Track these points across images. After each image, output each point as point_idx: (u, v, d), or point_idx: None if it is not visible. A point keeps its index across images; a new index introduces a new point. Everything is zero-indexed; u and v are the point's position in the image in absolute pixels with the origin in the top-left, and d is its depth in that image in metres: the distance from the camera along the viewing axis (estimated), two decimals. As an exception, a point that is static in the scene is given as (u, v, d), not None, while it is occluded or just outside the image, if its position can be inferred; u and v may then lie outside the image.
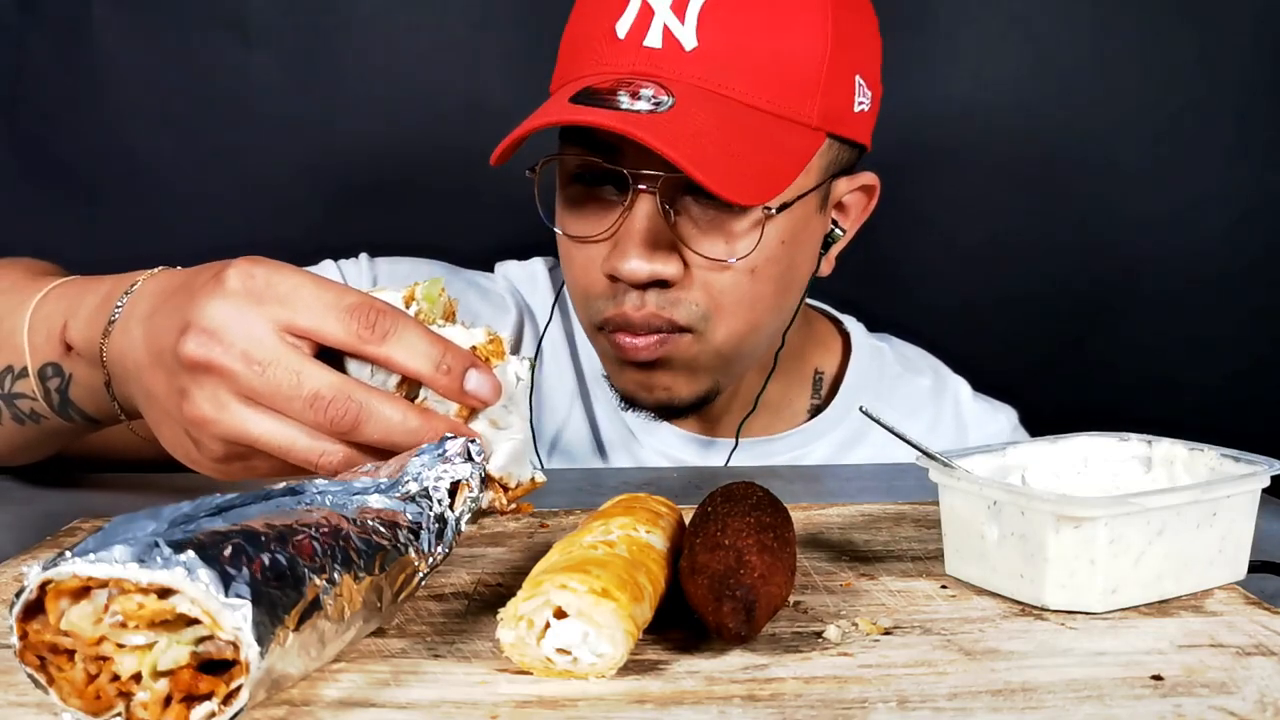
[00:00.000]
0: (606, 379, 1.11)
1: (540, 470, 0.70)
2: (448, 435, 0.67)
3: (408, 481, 0.62)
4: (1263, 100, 1.66)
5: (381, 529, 0.58)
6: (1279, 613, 0.66)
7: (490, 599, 0.68)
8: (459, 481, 0.64)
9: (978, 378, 1.31)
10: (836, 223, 1.10)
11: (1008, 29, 1.67)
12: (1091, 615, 0.66)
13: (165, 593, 0.48)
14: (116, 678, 0.49)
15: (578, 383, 1.20)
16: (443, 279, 0.73)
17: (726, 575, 0.59)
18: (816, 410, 1.22)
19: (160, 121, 1.63)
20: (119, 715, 0.50)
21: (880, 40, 1.10)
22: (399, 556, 0.59)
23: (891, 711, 0.54)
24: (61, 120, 1.63)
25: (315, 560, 0.53)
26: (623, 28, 0.97)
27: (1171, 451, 0.77)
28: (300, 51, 1.64)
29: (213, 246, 0.70)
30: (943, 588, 0.71)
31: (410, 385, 0.69)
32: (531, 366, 0.74)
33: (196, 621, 0.48)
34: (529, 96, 1.05)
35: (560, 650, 0.57)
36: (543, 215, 1.04)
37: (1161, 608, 0.67)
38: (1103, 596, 0.66)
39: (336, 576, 0.54)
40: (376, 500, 0.60)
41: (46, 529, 0.83)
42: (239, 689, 0.49)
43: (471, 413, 0.69)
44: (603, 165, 0.98)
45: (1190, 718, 0.53)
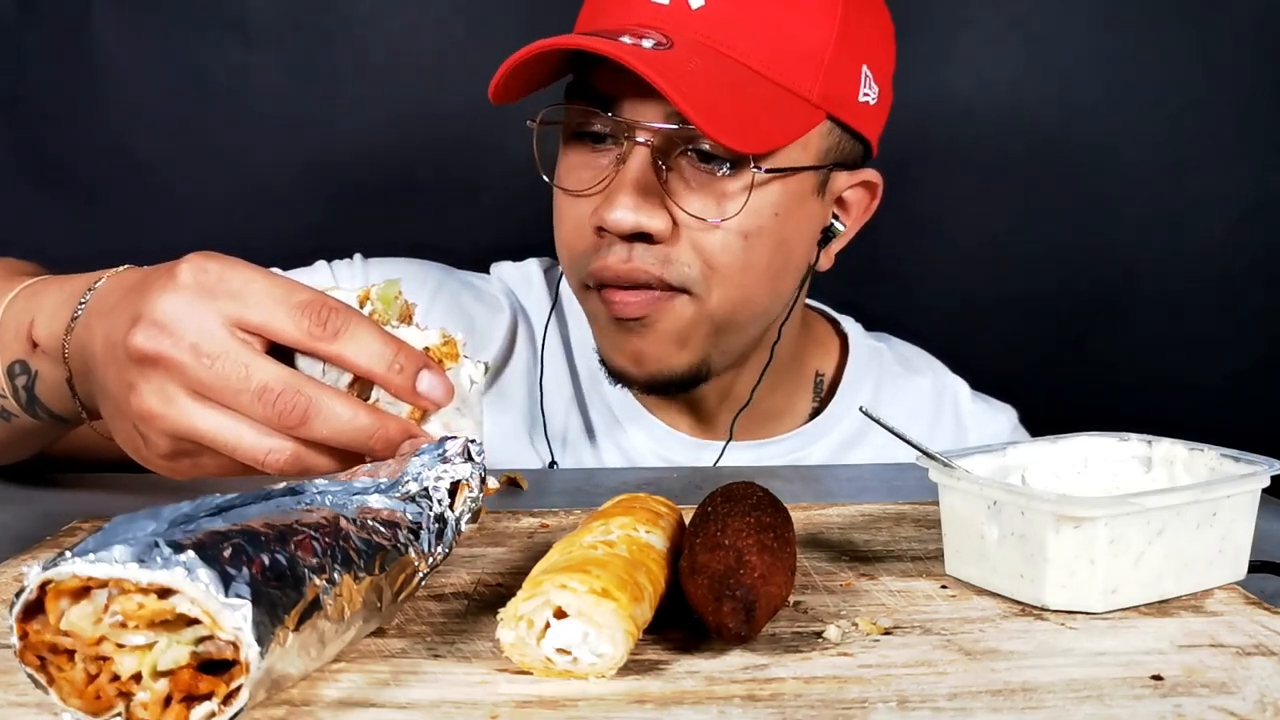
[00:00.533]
0: (598, 355, 1.11)
1: (494, 477, 0.69)
2: (448, 435, 0.67)
3: (408, 481, 0.62)
4: (1263, 100, 1.66)
5: (381, 529, 0.59)
6: (1279, 613, 0.66)
7: (490, 599, 0.68)
8: (459, 481, 0.64)
9: (978, 378, 1.31)
10: (837, 217, 1.10)
11: (1008, 29, 1.67)
12: (1091, 615, 0.66)
13: (165, 593, 0.48)
14: (116, 678, 0.49)
15: (573, 384, 1.20)
16: (399, 280, 0.73)
17: (726, 575, 0.59)
18: (816, 412, 1.22)
19: (160, 121, 1.63)
20: (119, 715, 0.50)
21: (894, 47, 1.11)
22: (399, 556, 0.59)
23: (891, 711, 0.54)
24: (61, 120, 1.63)
25: (315, 560, 0.53)
26: None
27: (1171, 451, 0.77)
28: (300, 51, 1.64)
29: (212, 246, 0.70)
30: (943, 588, 0.71)
31: (362, 386, 0.69)
32: (486, 370, 0.73)
33: (196, 621, 0.48)
34: (530, 99, 1.05)
35: (560, 650, 0.57)
36: (540, 170, 1.05)
37: (1161, 608, 0.67)
38: (1103, 596, 0.66)
39: (336, 576, 0.54)
40: (376, 500, 0.60)
41: (46, 529, 0.83)
42: (239, 689, 0.49)
43: (424, 414, 0.69)
44: (599, 115, 1.00)
45: (1190, 718, 0.53)
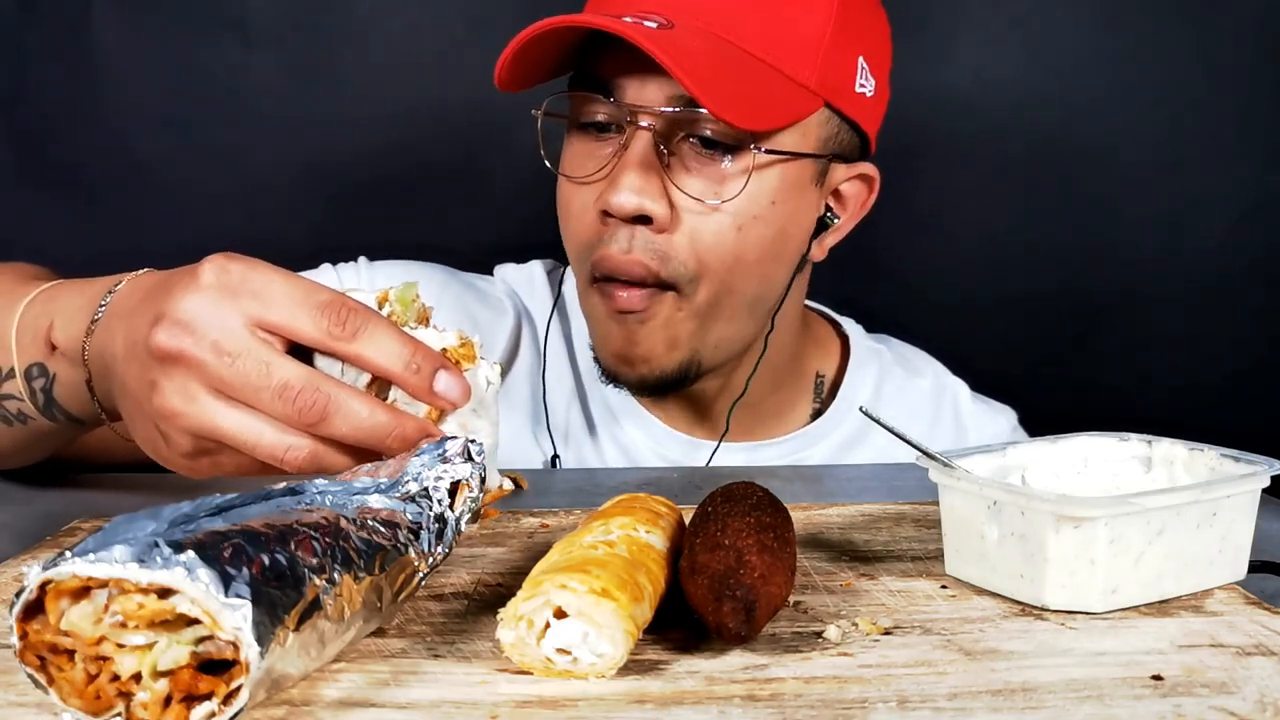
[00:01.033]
0: (593, 353, 1.12)
1: (509, 479, 0.70)
2: (448, 435, 0.67)
3: (408, 481, 0.62)
4: (1263, 100, 1.66)
5: (381, 529, 0.58)
6: (1279, 613, 0.66)
7: (490, 599, 0.68)
8: (459, 481, 0.64)
9: (978, 378, 1.31)
10: (830, 208, 1.11)
11: (1008, 29, 1.66)
12: (1091, 615, 0.66)
13: (165, 593, 0.48)
14: (116, 678, 0.49)
15: (574, 381, 1.20)
16: (417, 283, 0.73)
17: (726, 575, 0.59)
18: (817, 413, 1.22)
19: (160, 121, 1.63)
20: (119, 715, 0.50)
21: (891, 45, 1.11)
22: (399, 556, 0.59)
23: (891, 711, 0.54)
24: (61, 120, 1.62)
25: (315, 560, 0.53)
26: None
27: (1171, 451, 0.77)
28: (300, 51, 1.64)
29: (212, 246, 0.70)
30: (943, 588, 0.71)
31: (380, 387, 0.69)
32: (502, 372, 0.74)
33: (196, 621, 0.48)
34: (530, 97, 1.06)
35: (560, 650, 0.57)
36: (545, 158, 1.07)
37: (1161, 608, 0.67)
38: (1103, 596, 0.66)
39: (336, 576, 0.54)
40: (376, 500, 0.60)
41: (46, 529, 0.83)
42: (239, 689, 0.49)
43: (441, 415, 0.70)
44: (601, 102, 1.02)
45: (1190, 718, 0.53)
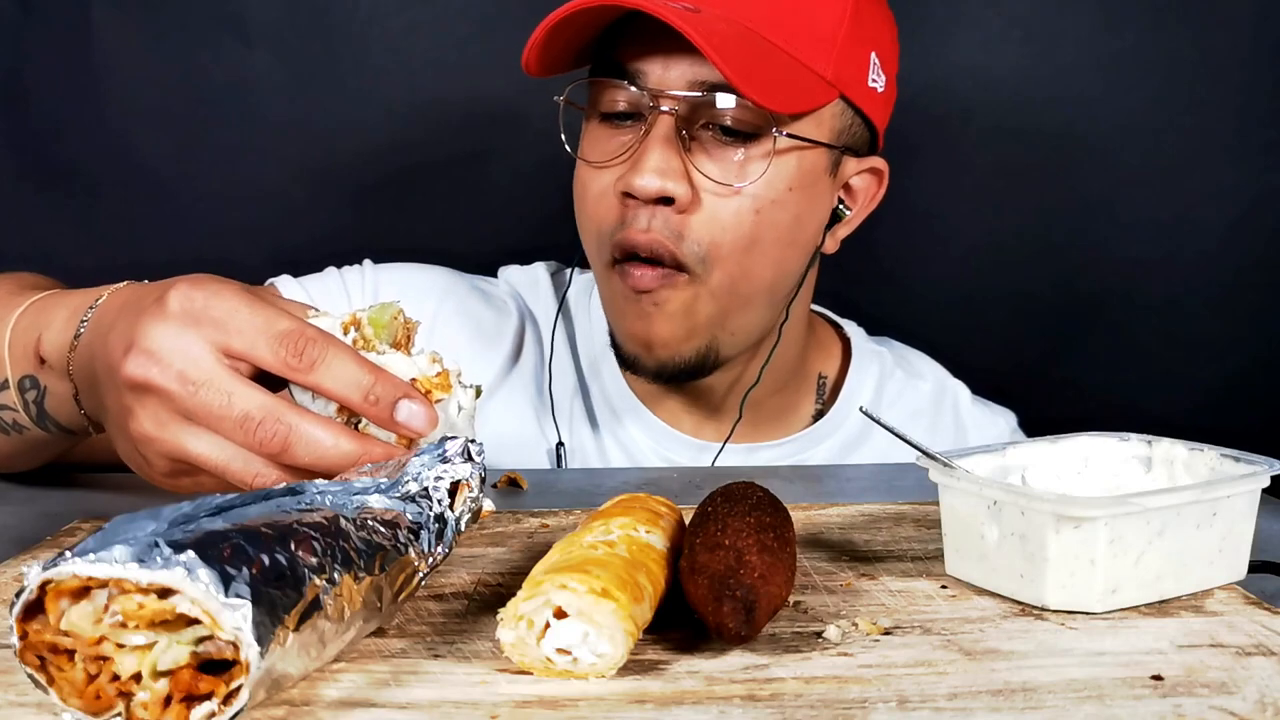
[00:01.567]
0: (610, 341, 1.13)
1: (490, 500, 0.70)
2: (448, 435, 0.67)
3: (408, 481, 0.62)
4: (1263, 100, 1.65)
5: (381, 529, 0.58)
6: (1279, 613, 0.66)
7: (490, 599, 0.68)
8: (459, 481, 0.64)
9: (977, 378, 1.31)
10: (843, 201, 1.12)
11: (1008, 28, 1.66)
12: (1091, 615, 0.66)
13: (165, 593, 0.48)
14: (116, 678, 0.49)
15: (578, 383, 1.20)
16: (399, 303, 0.73)
17: (726, 575, 0.59)
18: (819, 415, 1.23)
19: (160, 121, 1.63)
20: (119, 715, 0.50)
21: (898, 47, 1.13)
22: (399, 556, 0.59)
23: (891, 711, 0.54)
24: (61, 120, 1.62)
25: (315, 560, 0.53)
26: None
27: (1171, 451, 0.77)
28: (300, 51, 1.63)
29: (212, 246, 0.70)
30: (943, 588, 0.71)
31: (352, 411, 0.69)
32: (479, 394, 0.74)
33: (196, 621, 0.48)
34: (531, 97, 1.06)
35: (560, 650, 0.57)
36: (565, 143, 1.09)
37: (1161, 608, 0.67)
38: (1103, 596, 0.66)
39: (336, 576, 0.54)
40: (376, 500, 0.60)
41: (46, 529, 0.83)
42: (239, 689, 0.49)
43: (411, 442, 0.70)
44: (623, 89, 1.03)
45: (1190, 718, 0.53)
